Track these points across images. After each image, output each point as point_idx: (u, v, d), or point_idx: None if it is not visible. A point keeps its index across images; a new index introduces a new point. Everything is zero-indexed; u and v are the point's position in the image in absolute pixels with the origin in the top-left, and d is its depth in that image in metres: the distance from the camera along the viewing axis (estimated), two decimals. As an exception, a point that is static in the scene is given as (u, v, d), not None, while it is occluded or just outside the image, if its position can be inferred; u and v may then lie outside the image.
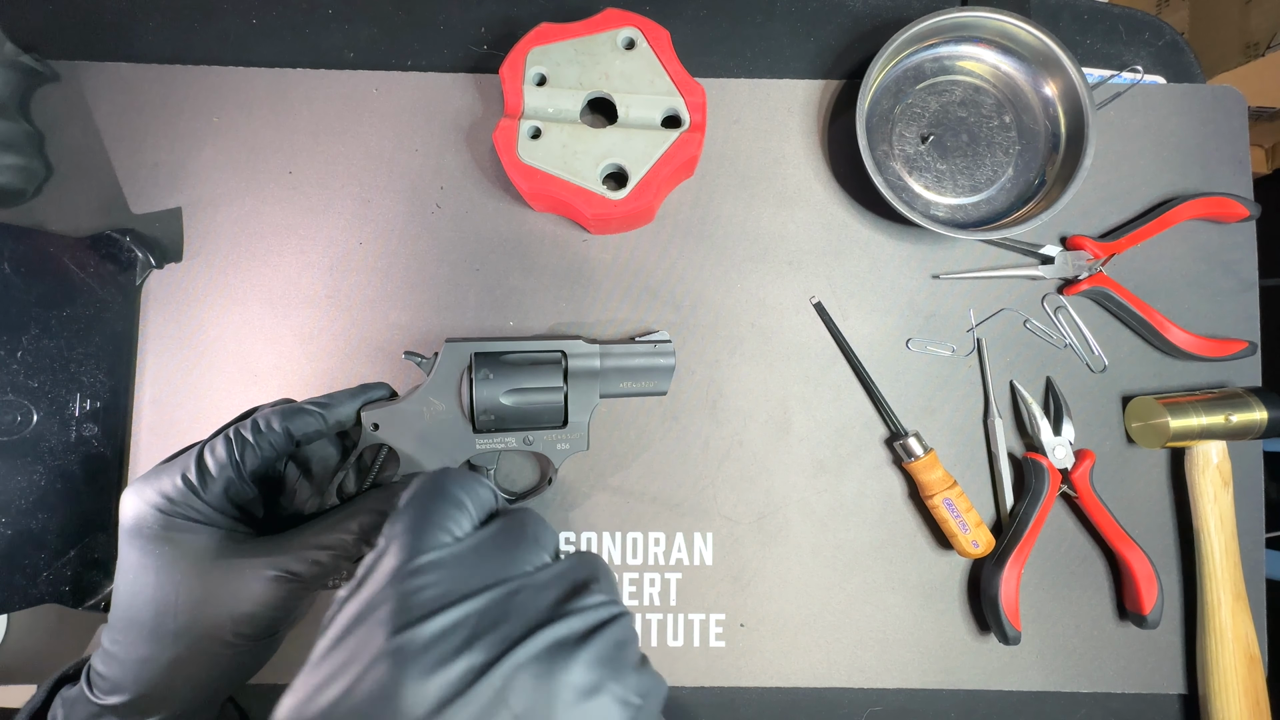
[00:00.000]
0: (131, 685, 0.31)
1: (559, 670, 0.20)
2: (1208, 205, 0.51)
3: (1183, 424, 0.48)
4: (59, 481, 0.45)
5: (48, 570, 0.45)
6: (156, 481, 0.33)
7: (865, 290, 0.52)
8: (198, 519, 0.32)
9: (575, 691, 0.20)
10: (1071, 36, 0.55)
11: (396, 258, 0.51)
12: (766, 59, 0.54)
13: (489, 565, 0.23)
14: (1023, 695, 0.50)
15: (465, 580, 0.22)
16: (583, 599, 0.23)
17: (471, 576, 0.22)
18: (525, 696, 0.19)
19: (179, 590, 0.31)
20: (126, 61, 0.52)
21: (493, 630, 0.20)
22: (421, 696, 0.19)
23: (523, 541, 0.25)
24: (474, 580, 0.22)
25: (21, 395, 0.44)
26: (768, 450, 0.51)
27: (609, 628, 0.22)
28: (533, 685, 0.20)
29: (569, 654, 0.21)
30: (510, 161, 0.46)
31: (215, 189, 0.51)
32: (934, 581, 0.50)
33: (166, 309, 0.50)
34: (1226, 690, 0.47)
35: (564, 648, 0.21)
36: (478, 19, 0.54)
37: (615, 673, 0.21)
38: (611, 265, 0.52)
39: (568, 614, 0.22)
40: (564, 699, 0.20)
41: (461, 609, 0.21)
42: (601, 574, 0.25)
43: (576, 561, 0.25)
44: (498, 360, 0.44)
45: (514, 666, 0.20)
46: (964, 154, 0.52)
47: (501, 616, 0.21)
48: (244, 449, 0.34)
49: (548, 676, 0.20)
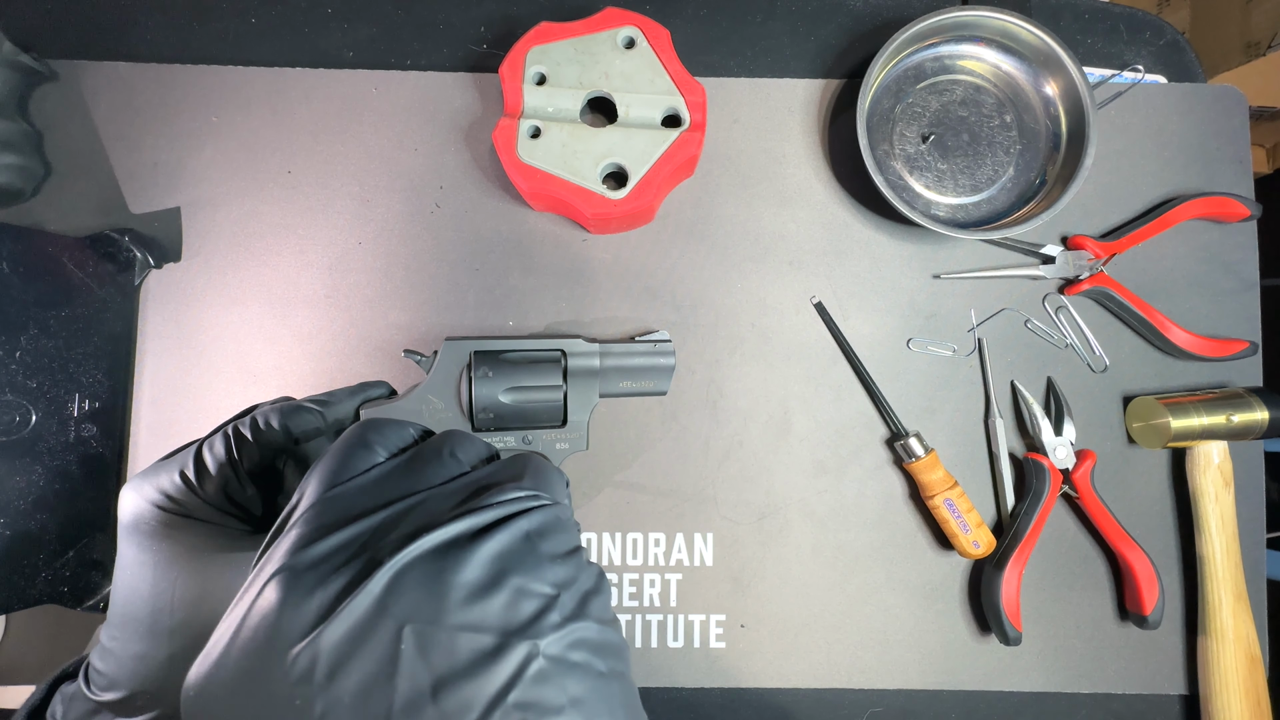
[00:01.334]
0: (128, 681, 0.31)
1: (449, 570, 0.19)
2: (1209, 205, 0.51)
3: (1184, 424, 0.47)
4: (58, 482, 0.45)
5: (46, 571, 0.44)
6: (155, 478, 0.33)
7: (866, 290, 0.52)
8: (196, 516, 0.32)
9: (467, 589, 0.18)
10: (1072, 36, 0.55)
11: (396, 257, 0.51)
12: (767, 58, 0.54)
13: (397, 485, 0.22)
14: (1023, 696, 0.50)
15: (365, 504, 0.21)
16: (489, 497, 0.21)
17: (373, 499, 0.21)
18: (409, 601, 0.18)
19: (175, 587, 0.31)
20: (125, 61, 0.52)
21: (382, 544, 0.19)
22: (302, 614, 0.18)
23: (436, 460, 0.23)
24: (375, 502, 0.21)
25: (20, 395, 0.44)
26: (768, 450, 0.51)
27: (517, 520, 0.21)
28: (419, 588, 0.18)
29: (461, 551, 0.19)
30: (510, 161, 0.46)
31: (214, 189, 0.51)
32: (935, 582, 0.50)
33: (165, 309, 0.50)
34: (1227, 691, 0.47)
35: (456, 546, 0.19)
36: (477, 18, 0.54)
37: (520, 564, 0.19)
38: (611, 265, 0.52)
39: (465, 513, 0.20)
40: (454, 598, 0.18)
41: (354, 527, 0.20)
42: (530, 471, 0.23)
43: (500, 465, 0.23)
44: (497, 359, 0.44)
45: (393, 573, 0.18)
46: (965, 153, 0.52)
47: (395, 529, 0.20)
48: (242, 446, 0.34)
49: (436, 577, 0.18)
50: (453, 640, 0.17)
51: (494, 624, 0.18)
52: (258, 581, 0.19)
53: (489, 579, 0.19)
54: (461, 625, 0.17)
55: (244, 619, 0.18)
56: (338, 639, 0.17)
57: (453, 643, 0.17)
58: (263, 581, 0.19)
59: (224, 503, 0.33)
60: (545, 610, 0.19)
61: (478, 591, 0.18)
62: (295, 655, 0.17)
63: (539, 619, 0.18)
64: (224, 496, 0.33)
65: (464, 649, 0.17)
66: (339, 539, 0.19)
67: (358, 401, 0.41)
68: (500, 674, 0.17)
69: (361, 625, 0.17)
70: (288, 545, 0.20)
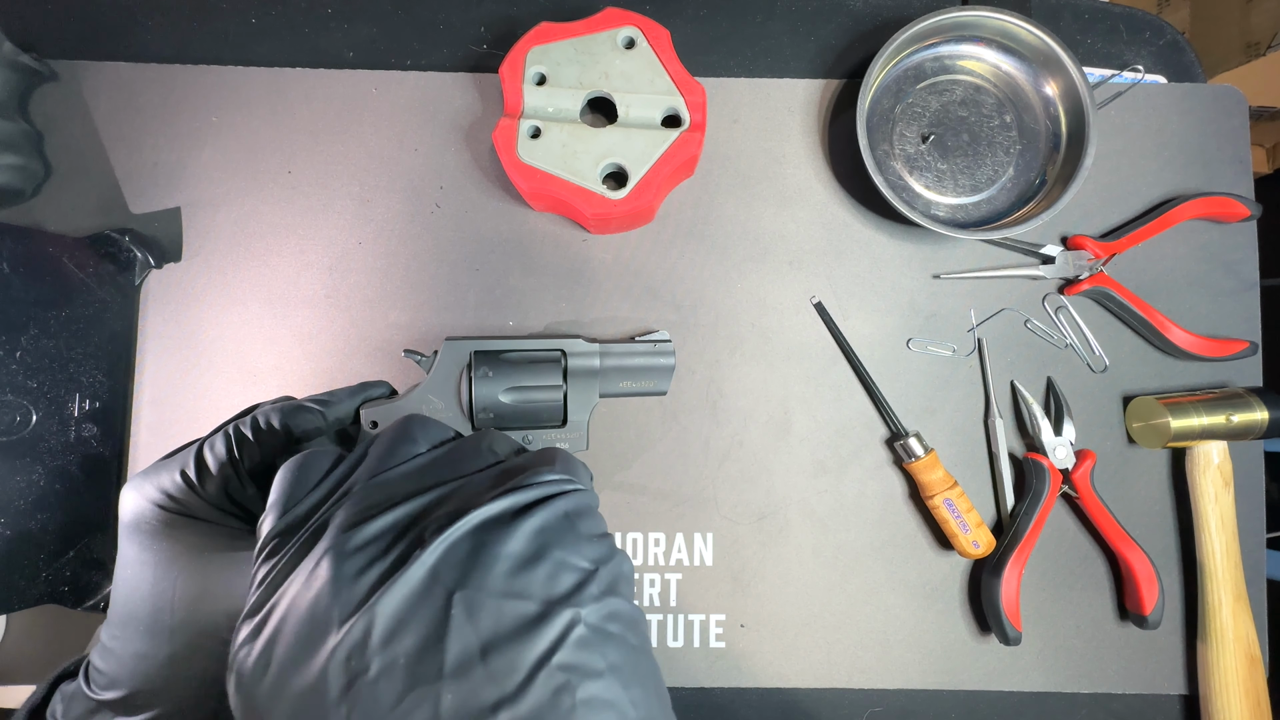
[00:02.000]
0: (128, 680, 0.31)
1: (494, 543, 0.20)
2: (1209, 205, 0.51)
3: (1184, 424, 0.47)
4: (58, 482, 0.45)
5: (47, 570, 0.45)
6: (156, 477, 0.33)
7: (866, 290, 0.52)
8: (196, 515, 0.32)
9: (513, 560, 0.19)
10: (1072, 36, 0.55)
11: (396, 257, 0.51)
12: (767, 58, 0.54)
13: (438, 474, 0.23)
14: (1023, 696, 0.50)
15: (407, 488, 0.22)
16: (527, 478, 0.22)
17: (415, 484, 0.22)
18: (458, 571, 0.19)
19: (176, 586, 0.31)
20: (125, 61, 0.52)
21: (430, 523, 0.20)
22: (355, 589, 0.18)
23: (474, 452, 0.25)
24: (416, 486, 0.22)
25: (21, 395, 0.44)
26: (768, 450, 0.51)
27: (556, 500, 0.22)
28: (467, 559, 0.19)
29: (505, 527, 0.20)
30: (510, 161, 0.46)
31: (214, 189, 0.51)
32: (934, 582, 0.50)
33: (165, 309, 0.50)
34: (1227, 691, 0.47)
35: (499, 522, 0.20)
36: (477, 18, 0.54)
37: (560, 539, 0.20)
38: (611, 265, 0.52)
39: (506, 492, 0.21)
40: (501, 568, 0.19)
41: (400, 509, 0.21)
42: (560, 460, 0.24)
43: (532, 455, 0.24)
44: (497, 358, 0.44)
45: (446, 545, 0.19)
46: (965, 154, 0.52)
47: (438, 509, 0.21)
48: (243, 446, 0.34)
49: (482, 549, 0.19)
50: (500, 606, 0.18)
51: (538, 593, 0.19)
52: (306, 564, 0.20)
53: (532, 552, 0.20)
54: (507, 593, 0.18)
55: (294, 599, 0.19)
56: (393, 607, 0.18)
57: (500, 609, 0.18)
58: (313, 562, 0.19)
59: (225, 502, 0.33)
60: (585, 583, 0.19)
61: (522, 563, 0.19)
62: (351, 624, 0.18)
63: (580, 590, 0.19)
64: (225, 496, 0.33)
65: (510, 615, 0.18)
66: (386, 520, 0.20)
67: (358, 401, 0.41)
68: (545, 638, 0.18)
69: (415, 594, 0.18)
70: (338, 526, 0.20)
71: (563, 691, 0.17)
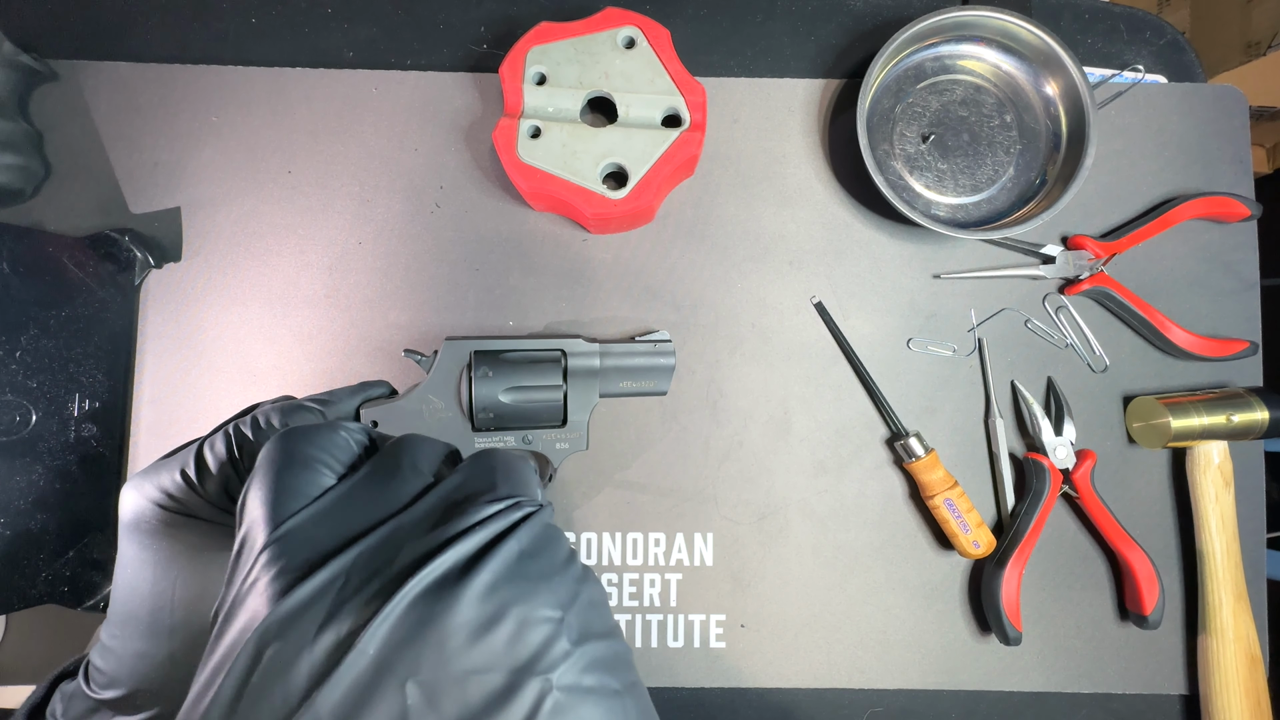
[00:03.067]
0: (127, 679, 0.31)
1: (443, 613, 0.17)
2: (1209, 205, 0.51)
3: (1184, 424, 0.47)
4: (58, 482, 0.45)
5: (47, 570, 0.44)
6: (156, 476, 0.33)
7: (866, 290, 0.52)
8: (196, 515, 0.32)
9: (467, 630, 0.17)
10: (1072, 36, 0.55)
11: (396, 257, 0.51)
12: (767, 58, 0.54)
13: (360, 511, 0.20)
14: (1024, 696, 0.50)
15: (329, 538, 0.19)
16: (467, 517, 0.20)
17: (337, 531, 0.19)
18: (407, 654, 0.17)
19: (176, 585, 0.31)
20: (125, 61, 0.52)
21: (363, 589, 0.18)
22: (294, 680, 0.16)
23: (397, 474, 0.22)
24: (340, 534, 0.19)
25: (20, 395, 0.44)
26: (768, 450, 0.51)
27: (507, 541, 0.19)
28: (415, 638, 0.17)
29: (453, 590, 0.18)
30: (510, 161, 0.46)
31: (214, 189, 0.51)
32: (935, 582, 0.50)
33: (165, 309, 0.50)
34: (1228, 691, 0.47)
35: (445, 585, 0.18)
36: (477, 18, 0.54)
37: (518, 591, 0.18)
38: (611, 265, 0.52)
39: (446, 543, 0.19)
40: (454, 644, 0.17)
41: (325, 573, 0.18)
42: (500, 475, 0.22)
43: (464, 476, 0.22)
44: (497, 358, 0.44)
45: (386, 626, 0.17)
46: (965, 153, 0.52)
47: (373, 568, 0.18)
48: (243, 445, 0.34)
49: (431, 623, 0.17)
50: (461, 686, 0.16)
51: (502, 662, 0.17)
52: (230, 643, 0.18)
53: (489, 616, 0.18)
54: (468, 670, 0.16)
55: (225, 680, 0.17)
56: (336, 702, 0.16)
57: (462, 689, 0.16)
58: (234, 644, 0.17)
59: (225, 501, 0.33)
60: (553, 638, 0.18)
61: (478, 630, 0.17)
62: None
63: (547, 649, 0.17)
64: (225, 495, 0.33)
65: (474, 693, 0.16)
66: (311, 588, 0.18)
67: (358, 401, 0.41)
68: (516, 714, 0.16)
69: (362, 685, 0.16)
70: (259, 599, 0.18)
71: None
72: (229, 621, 0.18)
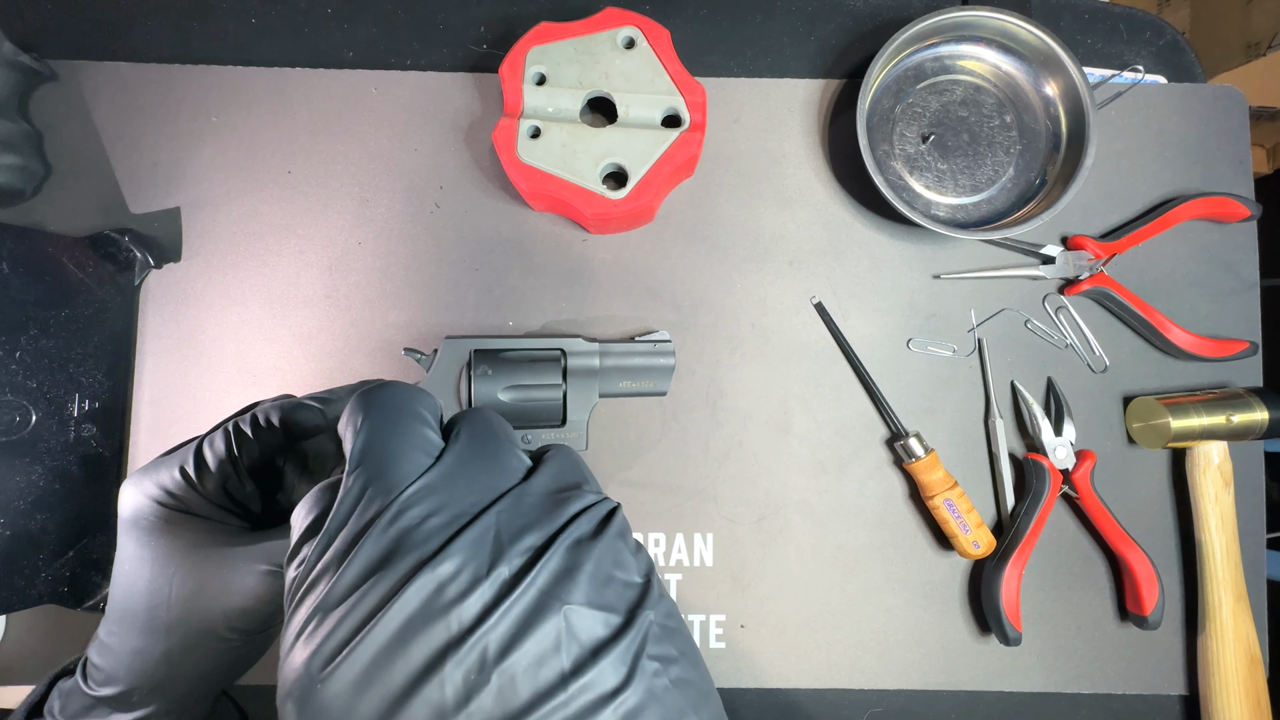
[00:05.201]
0: (125, 677, 0.31)
1: (581, 563, 0.22)
2: (1209, 205, 0.51)
3: (1184, 424, 0.47)
4: (58, 482, 0.45)
5: (46, 571, 0.44)
6: (155, 474, 0.33)
7: (866, 290, 0.52)
8: (195, 512, 0.32)
9: (594, 579, 0.21)
10: (1072, 36, 0.55)
11: (396, 257, 0.51)
12: (767, 58, 0.54)
13: (478, 478, 0.23)
14: (1023, 696, 0.50)
15: (466, 495, 0.22)
16: (583, 498, 0.24)
17: (466, 495, 0.23)
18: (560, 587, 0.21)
19: (173, 583, 0.31)
20: (125, 61, 0.52)
21: (516, 539, 0.21)
22: (468, 606, 0.19)
23: (499, 446, 0.25)
24: (473, 493, 0.23)
25: (20, 395, 0.44)
26: (768, 450, 0.51)
27: (611, 523, 0.24)
28: (563, 578, 0.21)
29: (586, 549, 0.22)
30: (510, 161, 0.46)
31: (214, 189, 0.51)
32: (934, 582, 0.50)
33: (165, 309, 0.50)
34: (1227, 691, 0.47)
35: (580, 545, 0.22)
36: (477, 18, 0.54)
37: (619, 561, 0.22)
38: (611, 265, 0.52)
39: (574, 518, 0.23)
40: (589, 586, 0.21)
41: (480, 524, 0.21)
42: (586, 471, 0.26)
43: (560, 464, 0.25)
44: (497, 357, 0.44)
45: (549, 566, 0.21)
46: (965, 154, 0.52)
47: (518, 525, 0.22)
48: (243, 443, 0.34)
49: (575, 570, 0.21)
50: (595, 617, 0.20)
51: (618, 605, 0.21)
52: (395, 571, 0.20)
53: (604, 575, 0.22)
54: (600, 606, 0.21)
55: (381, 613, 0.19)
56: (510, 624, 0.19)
57: (595, 619, 0.20)
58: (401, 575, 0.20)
59: (223, 499, 0.33)
60: (645, 592, 0.22)
61: (601, 581, 0.21)
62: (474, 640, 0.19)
63: (645, 598, 0.22)
64: (224, 493, 0.33)
65: (604, 624, 0.20)
66: (471, 536, 0.21)
67: None
68: (636, 638, 0.21)
69: (529, 611, 0.20)
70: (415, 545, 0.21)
71: (658, 676, 0.20)
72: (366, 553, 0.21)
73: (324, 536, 0.22)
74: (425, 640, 0.19)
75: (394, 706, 0.19)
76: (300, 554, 0.23)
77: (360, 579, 0.20)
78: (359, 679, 0.19)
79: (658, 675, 0.21)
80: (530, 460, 0.26)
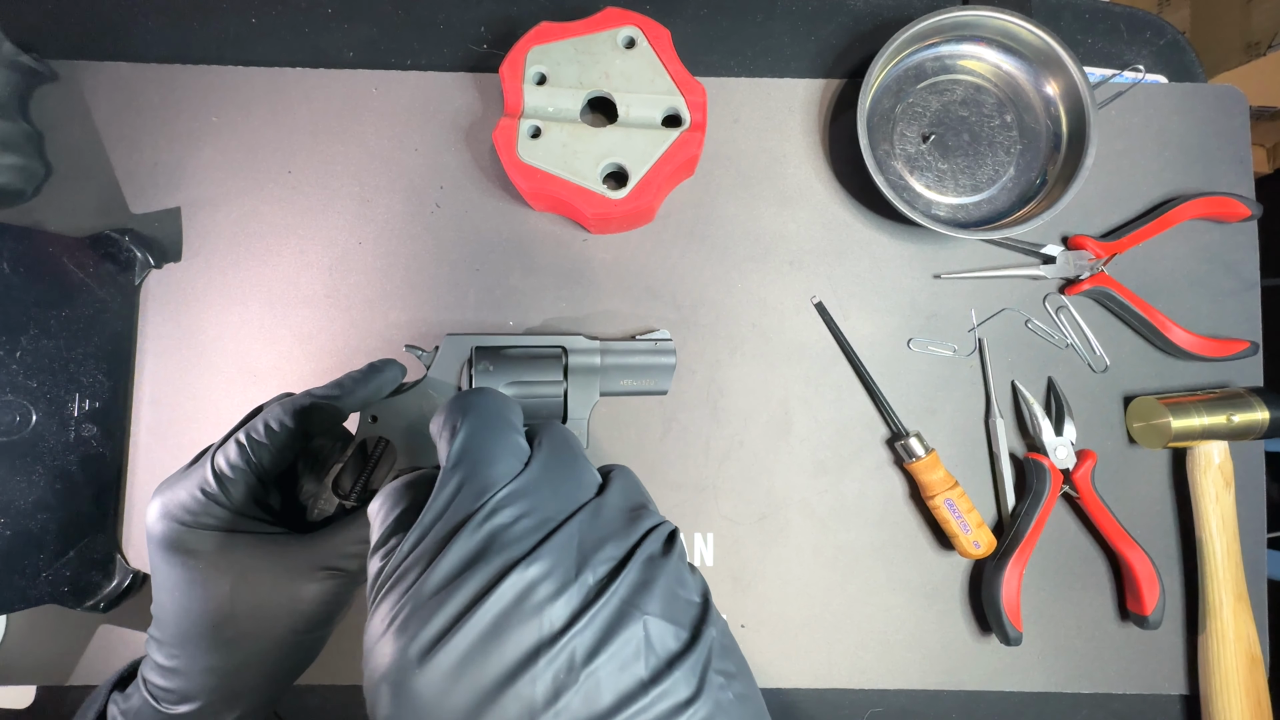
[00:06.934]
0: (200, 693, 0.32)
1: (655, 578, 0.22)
2: (1209, 205, 0.51)
3: (1184, 424, 0.47)
4: (58, 482, 0.45)
5: (47, 570, 0.44)
6: (178, 497, 0.33)
7: (866, 290, 0.52)
8: (226, 527, 0.33)
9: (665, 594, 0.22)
10: (1073, 36, 0.55)
11: (396, 257, 0.51)
12: (767, 58, 0.54)
13: (561, 487, 0.24)
14: (1024, 696, 0.50)
15: (551, 503, 0.23)
16: (652, 517, 0.25)
17: (550, 502, 0.24)
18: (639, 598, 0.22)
19: (234, 600, 0.32)
20: (125, 61, 0.52)
21: (599, 548, 0.22)
22: (555, 610, 0.20)
23: (575, 458, 0.26)
24: (555, 502, 0.24)
25: (21, 395, 0.44)
26: (768, 450, 0.51)
27: (674, 545, 0.24)
28: (641, 589, 0.22)
29: (658, 564, 0.23)
30: (510, 161, 0.46)
31: (214, 189, 0.51)
32: (935, 582, 0.50)
33: (165, 309, 0.50)
34: (1228, 691, 0.47)
35: (653, 560, 0.23)
36: (477, 18, 0.54)
37: (682, 580, 0.23)
38: (611, 265, 0.52)
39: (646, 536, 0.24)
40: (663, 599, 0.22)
41: (564, 532, 0.22)
42: (646, 493, 0.27)
43: (627, 484, 0.27)
44: (498, 354, 0.44)
45: (630, 578, 0.22)
46: (965, 153, 0.52)
47: (599, 535, 0.23)
48: (257, 451, 0.34)
49: (651, 583, 0.22)
50: (667, 630, 0.21)
51: (684, 620, 0.22)
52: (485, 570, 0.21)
53: (671, 591, 0.23)
54: (671, 619, 0.22)
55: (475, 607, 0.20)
56: (597, 631, 0.20)
57: (667, 632, 0.21)
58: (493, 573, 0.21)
59: (251, 508, 0.34)
60: (705, 610, 0.23)
61: (670, 598, 0.22)
62: (563, 643, 0.20)
63: (705, 618, 0.23)
64: (250, 501, 0.34)
65: (675, 637, 0.21)
66: (557, 541, 0.22)
67: (370, 388, 0.40)
68: (704, 651, 0.21)
69: (613, 618, 0.21)
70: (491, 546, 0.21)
71: (723, 690, 0.21)
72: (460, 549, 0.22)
73: (416, 529, 0.23)
74: (518, 637, 0.20)
75: (486, 700, 0.19)
76: (387, 545, 0.23)
77: (454, 573, 0.21)
78: (454, 668, 0.19)
79: (723, 689, 0.21)
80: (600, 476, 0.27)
